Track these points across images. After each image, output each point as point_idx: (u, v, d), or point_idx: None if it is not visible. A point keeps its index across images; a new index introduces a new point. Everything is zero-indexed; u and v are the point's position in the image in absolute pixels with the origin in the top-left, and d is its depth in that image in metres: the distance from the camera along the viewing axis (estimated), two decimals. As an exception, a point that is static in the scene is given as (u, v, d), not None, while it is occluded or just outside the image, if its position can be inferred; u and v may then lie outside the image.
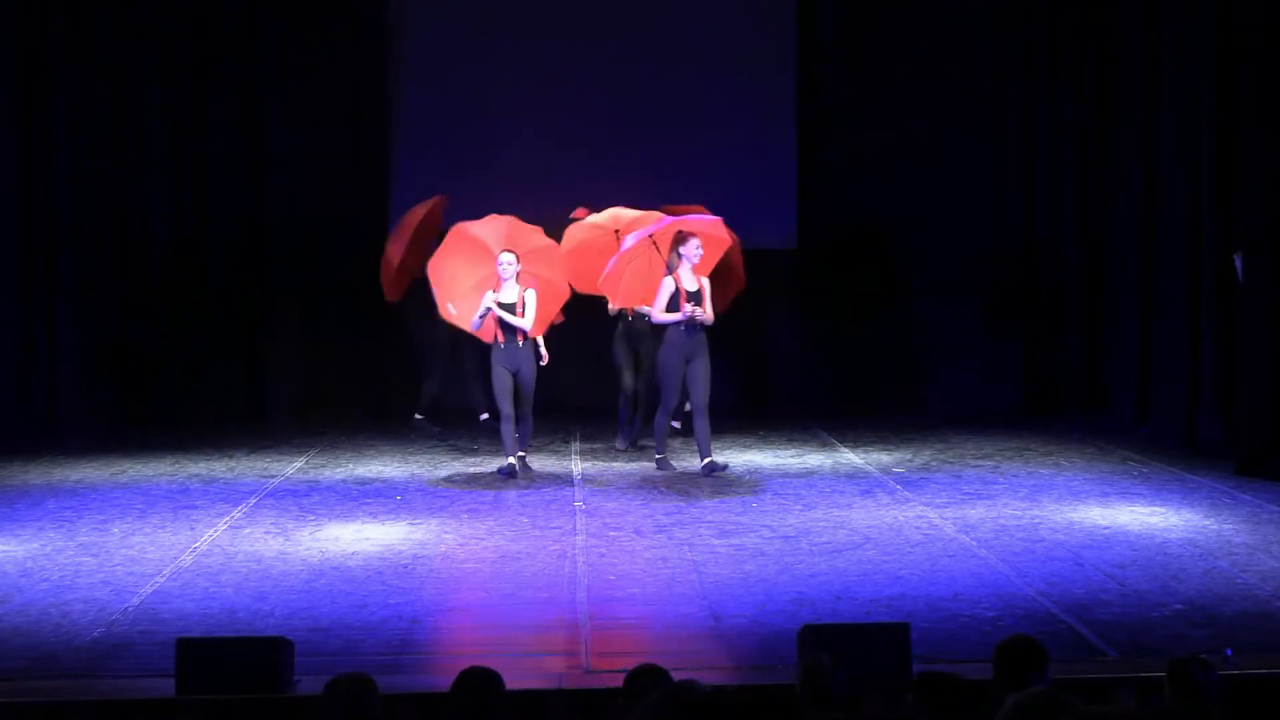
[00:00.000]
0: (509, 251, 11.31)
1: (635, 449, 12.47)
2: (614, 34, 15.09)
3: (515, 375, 11.31)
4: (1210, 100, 12.14)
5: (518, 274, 11.26)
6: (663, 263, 11.38)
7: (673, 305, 11.15)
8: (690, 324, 11.14)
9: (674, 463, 11.67)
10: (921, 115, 14.82)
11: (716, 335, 11.73)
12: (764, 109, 15.06)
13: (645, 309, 11.73)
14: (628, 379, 12.52)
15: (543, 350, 11.77)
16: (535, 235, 11.69)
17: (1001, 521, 9.69)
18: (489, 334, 11.35)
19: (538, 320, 11.35)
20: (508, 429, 11.36)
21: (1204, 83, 12.23)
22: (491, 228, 11.57)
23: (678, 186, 14.26)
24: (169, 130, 14.45)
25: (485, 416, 13.16)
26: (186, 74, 14.48)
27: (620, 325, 12.48)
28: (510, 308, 11.20)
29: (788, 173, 14.98)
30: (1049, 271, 14.55)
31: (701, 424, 11.27)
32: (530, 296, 11.28)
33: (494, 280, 11.30)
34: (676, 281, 11.16)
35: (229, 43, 14.62)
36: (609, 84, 15.02)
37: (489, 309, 11.19)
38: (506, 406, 11.35)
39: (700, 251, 11.19)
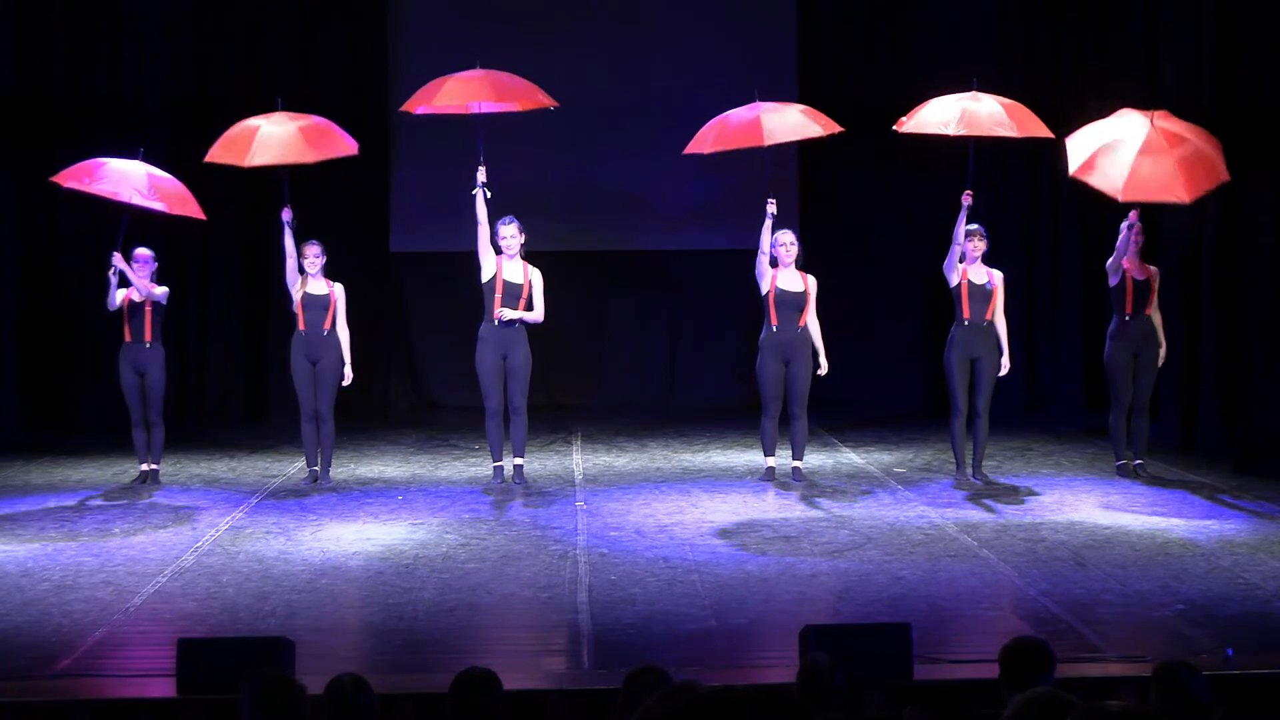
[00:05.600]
0: (511, 224, 10.52)
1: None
2: (614, 34, 15.09)
3: (505, 360, 10.75)
4: (1210, 99, 12.14)
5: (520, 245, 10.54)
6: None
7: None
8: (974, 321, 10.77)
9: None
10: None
11: (717, 335, 11.69)
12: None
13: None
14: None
15: (822, 360, 10.65)
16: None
17: (1002, 521, 9.69)
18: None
19: None
20: (494, 425, 10.84)
21: (1203, 83, 12.23)
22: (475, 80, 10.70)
23: (678, 185, 14.24)
24: (169, 130, 14.45)
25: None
26: (187, 74, 14.49)
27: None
28: (517, 288, 10.62)
29: (789, 173, 14.96)
30: (1048, 270, 14.55)
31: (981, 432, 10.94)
32: (538, 278, 10.60)
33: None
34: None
35: (229, 43, 14.62)
36: (609, 83, 15.01)
37: (479, 190, 10.37)
38: (494, 399, 10.73)
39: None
